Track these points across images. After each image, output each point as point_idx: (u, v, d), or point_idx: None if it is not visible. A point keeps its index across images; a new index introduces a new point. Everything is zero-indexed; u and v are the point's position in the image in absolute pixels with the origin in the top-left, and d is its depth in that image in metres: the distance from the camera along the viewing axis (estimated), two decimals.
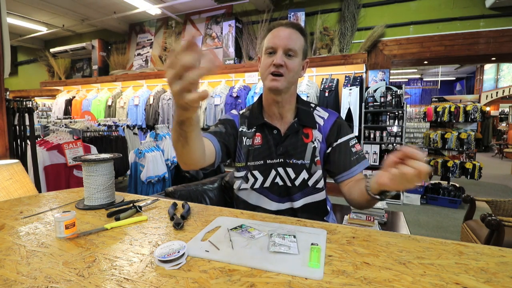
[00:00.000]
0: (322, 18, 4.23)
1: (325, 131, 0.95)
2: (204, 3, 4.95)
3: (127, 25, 6.04)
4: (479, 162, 3.76)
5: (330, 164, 0.94)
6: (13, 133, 1.78)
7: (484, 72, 9.62)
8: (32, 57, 7.35)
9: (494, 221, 1.45)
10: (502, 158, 8.58)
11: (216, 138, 0.92)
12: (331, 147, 0.94)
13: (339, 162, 0.92)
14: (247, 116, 1.01)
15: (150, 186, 2.93)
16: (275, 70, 0.85)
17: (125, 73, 5.62)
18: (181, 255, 0.54)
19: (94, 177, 0.88)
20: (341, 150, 0.92)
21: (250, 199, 0.98)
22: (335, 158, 0.93)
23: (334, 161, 0.93)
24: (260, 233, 0.66)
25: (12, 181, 1.25)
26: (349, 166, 0.90)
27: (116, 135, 3.14)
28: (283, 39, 0.85)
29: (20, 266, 0.52)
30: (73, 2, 4.97)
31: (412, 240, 0.63)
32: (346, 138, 0.94)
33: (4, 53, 1.59)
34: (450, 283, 0.46)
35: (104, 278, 0.48)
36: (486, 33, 3.59)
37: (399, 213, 1.86)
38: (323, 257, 0.55)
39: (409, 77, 12.33)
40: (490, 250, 0.58)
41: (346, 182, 0.91)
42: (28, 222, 0.75)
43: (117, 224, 0.73)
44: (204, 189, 1.51)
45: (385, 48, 4.01)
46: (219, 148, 0.91)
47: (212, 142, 0.90)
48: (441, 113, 4.13)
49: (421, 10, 3.85)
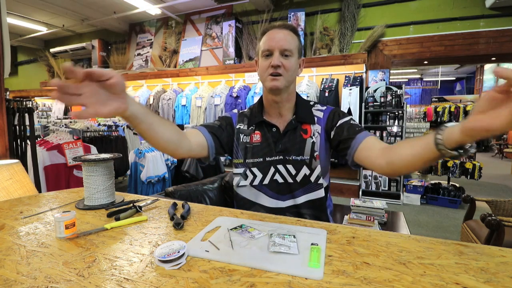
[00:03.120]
0: (322, 18, 4.23)
1: (324, 120, 0.97)
2: (204, 3, 4.96)
3: (127, 25, 6.04)
4: (479, 162, 3.76)
5: (340, 142, 0.91)
6: (13, 133, 1.78)
7: (484, 72, 9.62)
8: (32, 57, 7.35)
9: (494, 221, 1.45)
10: (502, 158, 8.57)
11: (207, 130, 0.95)
12: (334, 130, 0.93)
13: (348, 134, 0.89)
14: (247, 114, 1.04)
15: (150, 186, 2.93)
16: (274, 71, 0.87)
17: (125, 73, 5.62)
18: (181, 255, 0.54)
19: (94, 177, 0.89)
20: (344, 127, 0.91)
21: (249, 195, 0.99)
22: (341, 135, 0.90)
23: (341, 137, 0.90)
24: (260, 233, 0.66)
25: (12, 181, 1.25)
26: (358, 132, 0.88)
27: (116, 135, 3.14)
28: (278, 40, 0.88)
29: (20, 266, 0.52)
30: (73, 2, 4.97)
31: (412, 240, 0.63)
32: (346, 119, 0.94)
33: (4, 53, 1.59)
34: (450, 283, 0.46)
35: (104, 278, 0.48)
36: (486, 33, 3.59)
37: (399, 213, 1.86)
38: (323, 257, 0.55)
39: (409, 77, 12.33)
40: (490, 250, 0.58)
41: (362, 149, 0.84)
42: (28, 222, 0.75)
43: (117, 224, 0.73)
44: (204, 189, 1.51)
45: (385, 48, 4.01)
46: (211, 140, 0.93)
47: (203, 133, 0.93)
48: (441, 113, 4.14)
49: (421, 10, 3.85)
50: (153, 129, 0.71)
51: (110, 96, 0.58)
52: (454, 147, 0.58)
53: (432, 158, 0.64)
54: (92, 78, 0.55)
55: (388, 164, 0.75)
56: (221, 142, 0.97)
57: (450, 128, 0.59)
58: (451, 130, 0.58)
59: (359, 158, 0.85)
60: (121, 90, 0.58)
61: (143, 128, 0.69)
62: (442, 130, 0.60)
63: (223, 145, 0.98)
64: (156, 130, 0.72)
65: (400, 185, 3.75)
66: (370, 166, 0.82)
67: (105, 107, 0.56)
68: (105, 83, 0.56)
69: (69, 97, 0.52)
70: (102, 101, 0.56)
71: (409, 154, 0.69)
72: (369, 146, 0.83)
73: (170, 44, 5.39)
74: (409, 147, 0.69)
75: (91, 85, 0.55)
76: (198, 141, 0.90)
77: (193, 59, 5.16)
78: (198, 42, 5.15)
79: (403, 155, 0.70)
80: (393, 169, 0.75)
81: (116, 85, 0.57)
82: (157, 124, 0.72)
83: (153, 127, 0.71)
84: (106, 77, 0.55)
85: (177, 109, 4.73)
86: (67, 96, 0.52)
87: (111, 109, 0.57)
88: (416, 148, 0.67)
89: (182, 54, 5.27)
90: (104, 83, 0.56)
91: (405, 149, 0.70)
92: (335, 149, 0.95)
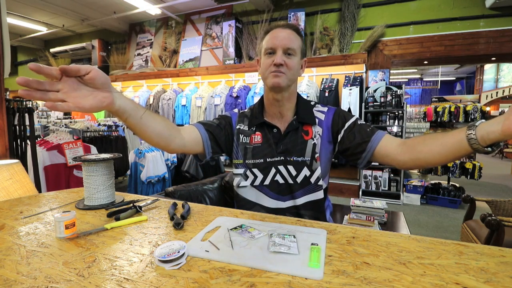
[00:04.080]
0: (322, 18, 4.23)
1: (328, 122, 0.96)
2: (204, 3, 4.96)
3: (127, 25, 6.04)
4: (479, 162, 3.76)
5: (351, 147, 0.90)
6: (13, 133, 1.78)
7: (484, 72, 9.63)
8: (32, 57, 7.35)
9: (494, 221, 1.45)
10: (502, 158, 8.58)
11: (204, 127, 0.95)
12: (341, 134, 0.92)
13: (362, 138, 0.88)
14: (247, 115, 1.03)
15: (150, 186, 2.93)
16: (276, 69, 0.87)
17: (125, 73, 5.62)
18: (181, 255, 0.54)
19: (94, 177, 0.89)
20: (353, 130, 0.91)
21: (250, 196, 0.99)
22: (353, 140, 0.90)
23: (352, 142, 0.89)
24: (260, 233, 0.66)
25: (12, 181, 1.25)
26: (371, 133, 0.88)
27: (116, 135, 3.14)
28: (282, 39, 0.88)
29: (20, 266, 0.52)
30: (73, 2, 4.98)
31: (412, 240, 0.63)
32: (352, 120, 0.94)
33: (4, 53, 1.59)
34: (450, 283, 0.46)
35: (104, 278, 0.48)
36: (486, 33, 3.59)
37: (399, 213, 1.86)
38: (323, 257, 0.55)
39: (409, 77, 12.33)
40: (490, 250, 0.58)
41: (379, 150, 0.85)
42: (28, 222, 0.75)
43: (117, 224, 0.73)
44: (204, 189, 1.51)
45: (385, 48, 4.01)
46: (206, 137, 0.93)
47: (199, 130, 0.93)
48: (441, 113, 4.14)
49: (421, 10, 3.85)
50: (143, 124, 0.71)
51: (93, 91, 0.58)
52: (489, 144, 0.63)
53: (463, 154, 0.68)
54: (68, 75, 0.55)
55: (413, 160, 0.78)
56: (218, 141, 0.97)
57: (485, 127, 0.62)
58: (488, 129, 0.61)
59: (375, 158, 0.88)
60: (102, 84, 0.59)
61: (133, 122, 0.69)
62: (472, 129, 0.64)
63: (220, 144, 0.98)
64: (147, 124, 0.72)
65: (400, 185, 3.75)
66: (389, 163, 0.85)
67: (87, 101, 0.57)
68: (83, 78, 0.56)
69: (44, 94, 0.53)
70: (83, 95, 0.57)
71: (438, 151, 0.72)
72: (385, 144, 0.85)
73: (170, 44, 5.39)
74: (438, 145, 0.72)
75: (69, 81, 0.55)
76: (192, 137, 0.90)
77: (193, 59, 5.16)
78: (198, 42, 5.15)
79: (431, 152, 0.73)
80: (417, 165, 0.79)
81: (95, 79, 0.57)
82: (148, 119, 0.72)
83: (143, 122, 0.71)
84: (83, 72, 0.56)
85: (177, 109, 4.73)
86: (40, 92, 0.52)
87: (93, 103, 0.57)
88: (446, 145, 0.70)
89: (182, 54, 5.27)
90: (83, 78, 0.56)
91: (433, 146, 0.73)
92: (342, 152, 0.94)
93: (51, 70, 0.53)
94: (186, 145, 0.88)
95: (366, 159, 0.89)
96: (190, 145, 0.89)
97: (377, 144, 0.85)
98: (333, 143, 0.96)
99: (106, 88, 0.60)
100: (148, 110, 0.72)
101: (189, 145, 0.89)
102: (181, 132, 0.86)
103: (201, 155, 0.95)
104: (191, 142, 0.90)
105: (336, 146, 0.95)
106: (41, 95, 0.52)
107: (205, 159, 0.97)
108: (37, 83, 0.52)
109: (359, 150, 0.88)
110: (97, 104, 0.58)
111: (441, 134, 0.73)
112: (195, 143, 0.91)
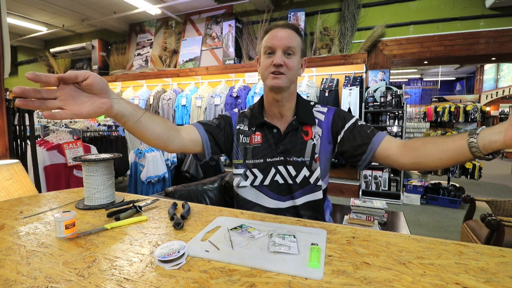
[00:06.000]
0: (322, 18, 4.23)
1: (328, 122, 0.95)
2: (204, 3, 4.96)
3: (127, 25, 6.04)
4: (479, 162, 3.76)
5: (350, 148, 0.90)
6: (13, 133, 1.78)
7: (484, 72, 9.62)
8: (32, 57, 7.35)
9: (494, 221, 1.45)
10: (502, 158, 8.58)
11: (204, 127, 0.94)
12: (341, 135, 0.92)
13: (362, 140, 0.88)
14: (247, 115, 1.03)
15: (150, 186, 2.93)
16: (276, 70, 0.87)
17: (125, 73, 5.62)
18: (181, 255, 0.54)
19: (94, 177, 0.88)
20: (354, 131, 0.91)
21: (249, 196, 0.99)
22: (353, 141, 0.90)
23: (352, 143, 0.89)
24: (260, 233, 0.66)
25: (12, 181, 1.25)
26: (372, 135, 0.88)
27: (116, 135, 3.14)
28: (282, 39, 0.87)
29: (20, 266, 0.52)
30: (73, 2, 4.98)
31: (412, 240, 0.63)
32: (352, 121, 0.93)
33: (4, 53, 1.59)
34: (450, 283, 0.46)
35: (104, 278, 0.48)
36: (486, 33, 3.59)
37: (399, 213, 1.86)
38: (323, 257, 0.55)
39: (409, 77, 12.33)
40: (490, 250, 0.58)
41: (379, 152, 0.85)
42: (28, 222, 0.75)
43: (117, 224, 0.73)
44: (204, 189, 1.51)
45: (385, 48, 4.01)
46: (206, 138, 0.93)
47: (198, 130, 0.93)
48: (441, 113, 4.14)
49: (421, 10, 3.85)
50: (142, 126, 0.71)
51: (91, 97, 0.58)
52: (489, 152, 0.64)
53: (463, 160, 0.69)
54: (66, 82, 0.54)
55: (413, 163, 0.79)
56: (217, 141, 0.97)
57: (487, 136, 0.63)
58: (490, 138, 0.62)
59: (375, 160, 0.88)
60: (100, 89, 0.58)
61: (131, 126, 0.68)
62: (474, 136, 0.64)
63: (219, 144, 0.97)
64: (146, 127, 0.72)
65: (400, 185, 3.75)
66: (389, 164, 0.86)
67: (84, 107, 0.56)
68: (81, 84, 0.56)
69: (41, 102, 0.52)
70: (81, 102, 0.56)
71: (438, 156, 0.73)
72: (386, 146, 0.85)
73: (170, 44, 5.39)
74: (438, 150, 0.72)
75: (67, 88, 0.55)
76: (191, 138, 0.90)
77: (193, 59, 5.16)
78: (198, 42, 5.15)
79: (432, 157, 0.74)
80: (417, 167, 0.81)
81: (93, 85, 0.56)
82: (146, 121, 0.72)
83: (142, 124, 0.70)
84: (81, 79, 0.55)
85: (177, 109, 4.73)
86: (37, 101, 0.51)
87: (91, 109, 0.57)
88: (447, 151, 0.71)
89: (182, 54, 5.27)
90: (80, 85, 0.56)
91: (434, 151, 0.73)
92: (341, 154, 0.94)
93: (49, 78, 0.52)
94: (186, 146, 0.88)
95: (366, 161, 0.89)
96: (190, 145, 0.90)
97: (378, 146, 0.85)
98: (333, 144, 0.96)
99: (104, 93, 0.60)
100: (147, 112, 0.72)
101: (189, 146, 0.89)
102: (180, 132, 0.86)
103: (201, 155, 0.96)
104: (191, 142, 0.90)
105: (336, 147, 0.95)
106: (38, 104, 0.52)
107: (205, 159, 0.97)
108: (34, 92, 0.51)
109: (360, 151, 0.88)
110: (95, 110, 0.58)
111: (442, 139, 0.73)
112: (195, 144, 0.91)
